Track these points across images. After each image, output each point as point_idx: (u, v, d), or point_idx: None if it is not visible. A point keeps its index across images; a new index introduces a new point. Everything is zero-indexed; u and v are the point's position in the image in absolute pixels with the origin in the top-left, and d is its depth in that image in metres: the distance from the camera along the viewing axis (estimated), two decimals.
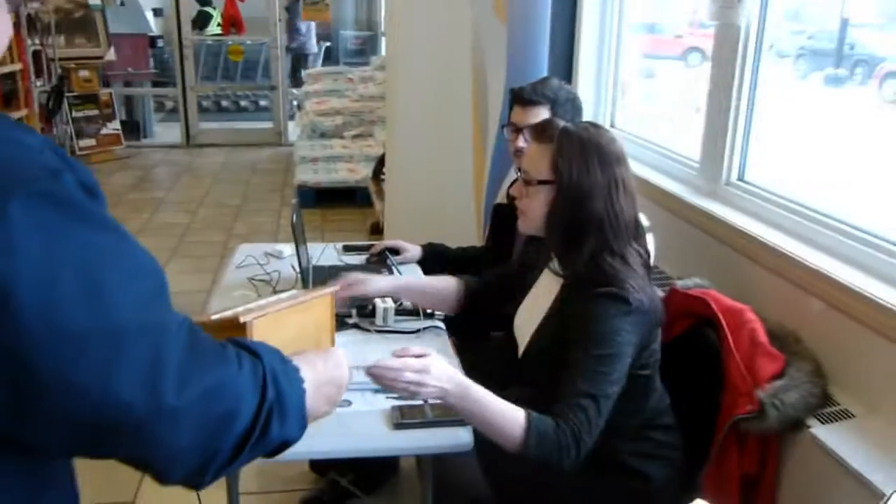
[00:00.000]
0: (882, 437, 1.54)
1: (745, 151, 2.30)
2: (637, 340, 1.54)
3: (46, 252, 0.71)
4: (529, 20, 2.72)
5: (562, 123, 1.67)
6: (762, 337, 1.74)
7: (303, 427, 0.96)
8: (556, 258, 1.69)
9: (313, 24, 9.72)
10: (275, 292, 2.15)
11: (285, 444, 0.94)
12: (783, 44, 2.81)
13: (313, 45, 10.01)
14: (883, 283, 1.69)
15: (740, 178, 2.32)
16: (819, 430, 1.60)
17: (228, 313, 1.41)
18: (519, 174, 1.72)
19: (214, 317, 1.41)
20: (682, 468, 1.70)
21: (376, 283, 1.94)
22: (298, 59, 9.98)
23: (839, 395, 1.70)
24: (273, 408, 0.89)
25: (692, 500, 1.70)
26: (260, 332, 1.36)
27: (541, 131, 1.67)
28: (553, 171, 1.60)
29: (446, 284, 2.01)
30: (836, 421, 1.62)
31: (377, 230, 5.11)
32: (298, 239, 2.08)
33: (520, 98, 2.20)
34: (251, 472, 2.56)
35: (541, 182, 1.62)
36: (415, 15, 3.25)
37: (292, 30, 9.44)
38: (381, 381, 1.40)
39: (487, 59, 2.94)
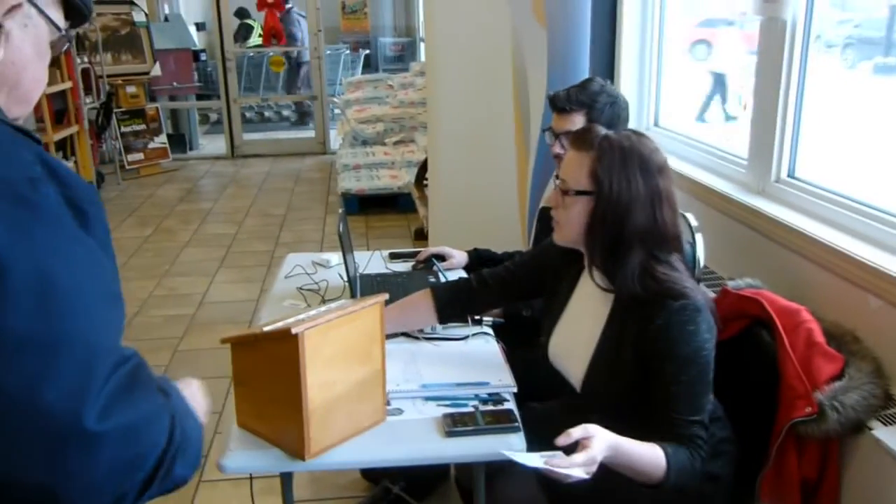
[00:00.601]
0: None
1: (795, 147, 2.26)
2: (714, 340, 1.53)
3: (8, 246, 0.73)
4: (569, 24, 2.70)
5: (602, 131, 1.61)
6: (819, 337, 1.70)
7: (196, 465, 0.93)
8: (601, 272, 1.64)
9: (307, 33, 9.60)
10: (323, 301, 2.16)
11: (180, 485, 0.91)
12: (830, 34, 2.75)
13: (306, 53, 9.87)
14: None
15: (790, 175, 2.27)
16: (882, 433, 1.56)
17: (279, 324, 1.43)
18: (556, 182, 1.68)
19: (266, 328, 1.43)
20: (739, 464, 1.67)
21: None
22: (294, 69, 9.90)
23: None
24: (178, 449, 0.87)
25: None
26: (311, 343, 1.37)
27: (580, 138, 1.62)
28: (592, 181, 1.56)
29: (418, 305, 1.94)
30: None
31: (421, 236, 5.13)
32: (345, 248, 2.10)
33: (554, 105, 2.18)
34: (304, 480, 2.59)
35: (579, 192, 1.58)
36: (453, 19, 3.24)
37: (288, 39, 9.33)
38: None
39: (528, 62, 2.93)
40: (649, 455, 1.44)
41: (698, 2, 3.59)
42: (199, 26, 10.15)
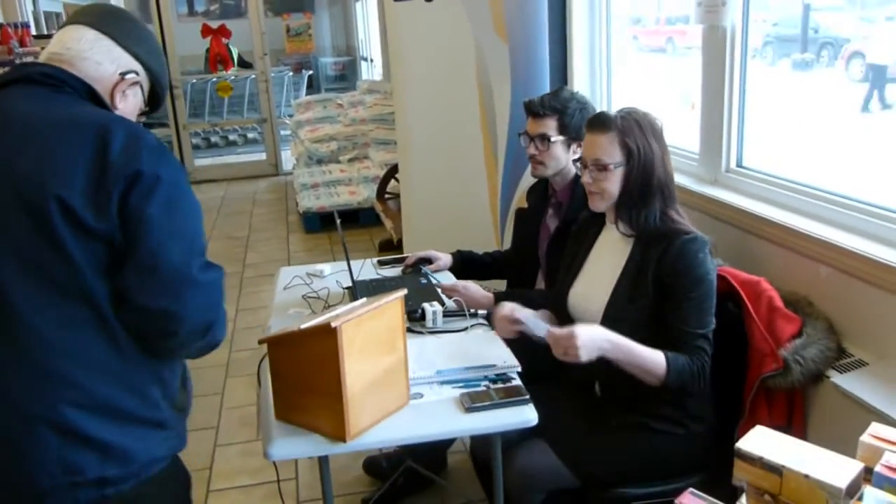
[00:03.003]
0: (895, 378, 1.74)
1: (742, 139, 2.52)
2: (715, 275, 1.83)
3: (159, 166, 1.29)
4: (529, 39, 2.92)
5: (613, 112, 1.91)
6: (778, 303, 1.94)
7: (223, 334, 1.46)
8: (627, 222, 1.90)
9: None
10: (328, 307, 2.32)
11: (218, 344, 1.45)
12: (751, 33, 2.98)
13: None
14: (878, 244, 1.90)
15: (739, 165, 2.52)
16: (838, 379, 1.81)
17: (316, 321, 1.60)
18: (585, 168, 1.91)
19: (303, 326, 1.60)
20: (719, 417, 1.92)
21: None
22: None
23: (852, 347, 1.90)
24: (223, 314, 1.41)
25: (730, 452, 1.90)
26: (347, 336, 1.55)
27: (601, 123, 1.89)
28: (624, 152, 1.86)
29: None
30: (853, 370, 1.83)
31: (387, 247, 5.29)
32: (348, 256, 2.27)
33: (529, 110, 2.40)
34: (310, 480, 2.73)
35: (617, 165, 1.86)
36: (416, 35, 3.32)
37: None
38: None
39: (492, 74, 3.13)
40: (649, 354, 1.75)
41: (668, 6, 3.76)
42: None
